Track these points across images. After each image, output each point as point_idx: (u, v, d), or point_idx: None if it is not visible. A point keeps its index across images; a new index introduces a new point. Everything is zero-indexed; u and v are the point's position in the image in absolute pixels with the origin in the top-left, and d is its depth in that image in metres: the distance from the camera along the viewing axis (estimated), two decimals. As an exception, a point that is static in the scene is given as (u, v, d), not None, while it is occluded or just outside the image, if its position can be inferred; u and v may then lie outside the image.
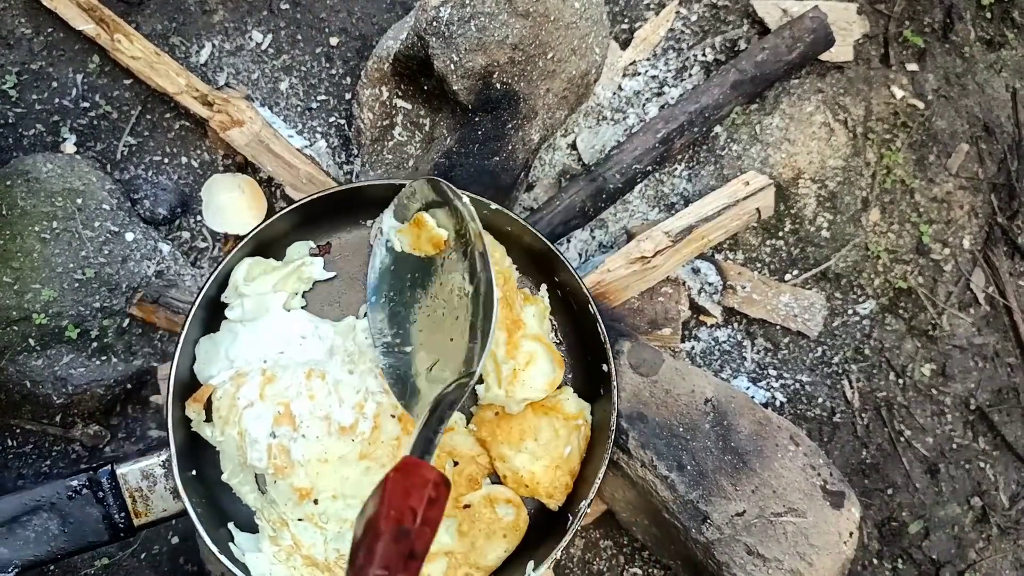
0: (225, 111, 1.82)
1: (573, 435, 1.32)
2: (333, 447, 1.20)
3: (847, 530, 1.65)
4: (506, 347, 1.30)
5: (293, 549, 1.20)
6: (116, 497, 1.11)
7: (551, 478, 1.30)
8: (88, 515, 1.09)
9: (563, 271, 1.37)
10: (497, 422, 1.30)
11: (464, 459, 1.28)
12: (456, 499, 1.26)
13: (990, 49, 2.22)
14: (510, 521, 1.28)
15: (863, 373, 2.05)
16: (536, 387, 1.30)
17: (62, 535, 1.08)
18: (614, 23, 2.10)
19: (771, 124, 1.99)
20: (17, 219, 1.67)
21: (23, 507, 1.08)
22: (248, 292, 1.27)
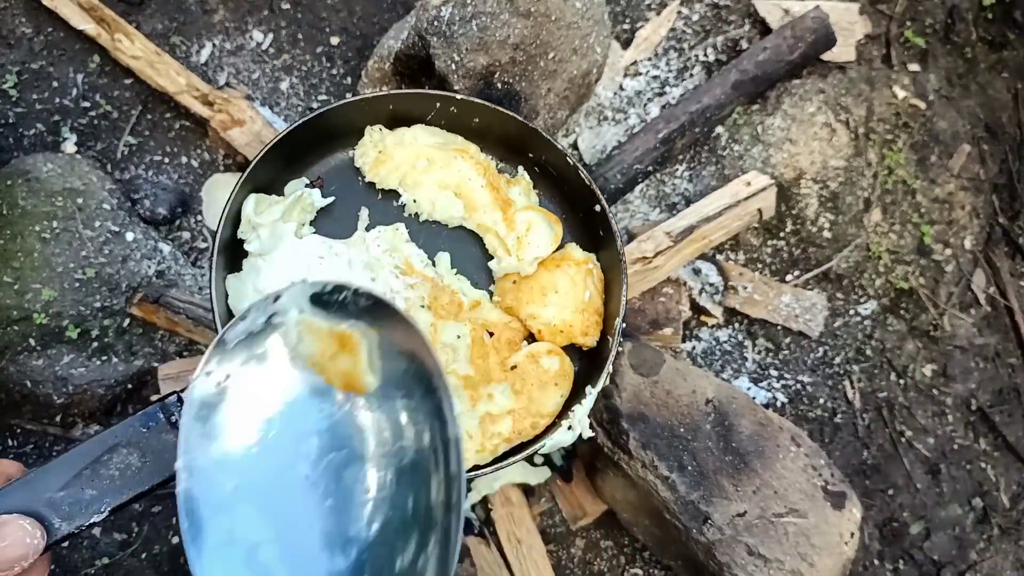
0: (226, 111, 1.82)
1: (588, 280, 1.41)
2: None
3: (848, 531, 1.65)
4: (504, 224, 1.41)
5: None
6: None
7: (581, 320, 1.39)
8: (165, 443, 1.09)
9: (537, 144, 1.44)
10: (518, 287, 1.40)
11: (498, 327, 1.38)
12: (502, 363, 1.36)
13: (992, 50, 2.22)
14: (557, 370, 1.37)
15: (864, 374, 2.05)
16: (542, 244, 1.42)
17: (144, 467, 1.08)
18: (615, 23, 2.09)
19: (773, 124, 1.98)
20: (17, 219, 1.67)
21: (102, 446, 1.07)
22: (262, 222, 1.33)
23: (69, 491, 1.04)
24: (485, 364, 1.35)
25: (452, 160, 1.42)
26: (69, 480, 1.04)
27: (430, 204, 1.42)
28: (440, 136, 1.46)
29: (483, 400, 1.34)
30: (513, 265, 1.40)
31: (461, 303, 1.38)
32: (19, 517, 0.96)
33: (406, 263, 1.38)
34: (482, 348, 1.35)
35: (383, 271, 1.36)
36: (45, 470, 1.03)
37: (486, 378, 1.35)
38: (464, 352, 1.35)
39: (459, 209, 1.42)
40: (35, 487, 1.03)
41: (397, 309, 0.98)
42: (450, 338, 1.35)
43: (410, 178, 1.42)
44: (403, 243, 1.41)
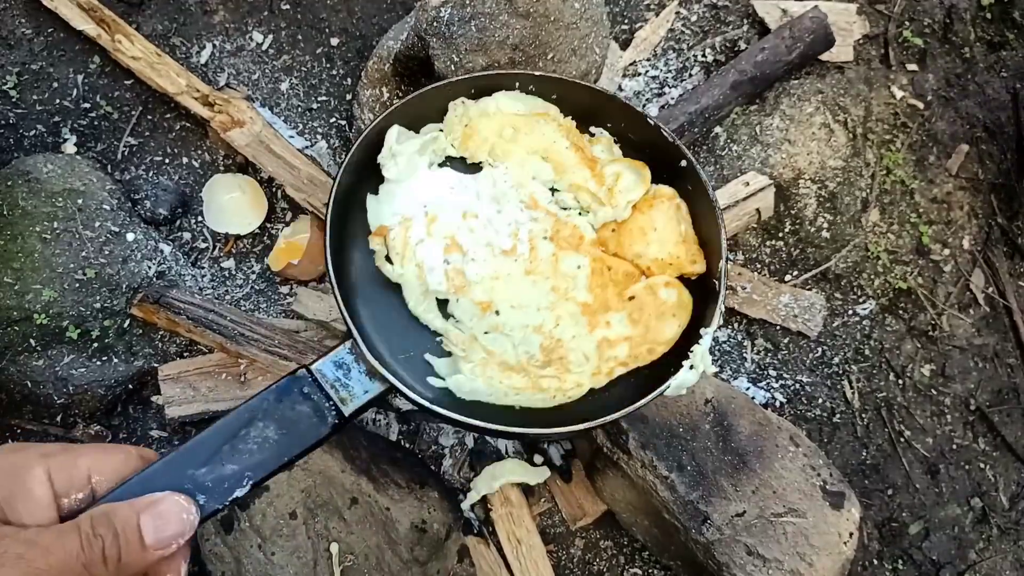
0: (226, 111, 1.83)
1: (679, 214, 1.45)
2: (501, 266, 1.38)
3: (847, 531, 1.66)
4: (594, 180, 1.46)
5: (486, 360, 1.35)
6: (320, 391, 1.16)
7: (685, 250, 1.43)
8: (300, 413, 1.13)
9: (613, 112, 1.49)
10: (618, 234, 1.44)
11: (615, 263, 1.42)
12: (620, 295, 1.39)
13: (990, 50, 2.22)
14: (674, 301, 1.40)
15: (863, 373, 2.05)
16: (633, 188, 1.45)
17: (283, 438, 1.11)
18: (614, 24, 2.10)
19: (771, 125, 1.99)
20: (18, 219, 1.67)
21: (240, 422, 1.10)
22: (400, 151, 1.41)
23: (211, 467, 1.05)
24: (604, 293, 1.39)
25: (536, 125, 1.47)
26: (210, 456, 1.06)
27: (520, 170, 1.46)
28: (522, 101, 1.49)
29: (601, 327, 1.38)
30: (609, 214, 1.44)
31: (583, 236, 1.43)
32: (173, 494, 0.97)
33: (531, 198, 1.44)
34: (601, 278, 1.40)
35: (508, 204, 1.43)
36: (184, 449, 1.05)
37: (604, 306, 1.38)
38: (583, 281, 1.39)
39: (549, 172, 1.46)
40: (178, 465, 1.03)
41: None
42: (570, 268, 1.40)
43: (499, 148, 1.46)
44: (529, 180, 1.45)
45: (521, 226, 1.41)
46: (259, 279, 1.94)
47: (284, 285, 1.93)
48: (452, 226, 1.40)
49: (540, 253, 1.40)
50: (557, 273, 1.39)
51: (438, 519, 1.71)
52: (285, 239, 1.88)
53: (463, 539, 1.79)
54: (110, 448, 1.01)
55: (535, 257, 1.40)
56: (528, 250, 1.40)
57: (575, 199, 1.46)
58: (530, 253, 1.40)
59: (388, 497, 1.68)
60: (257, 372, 1.78)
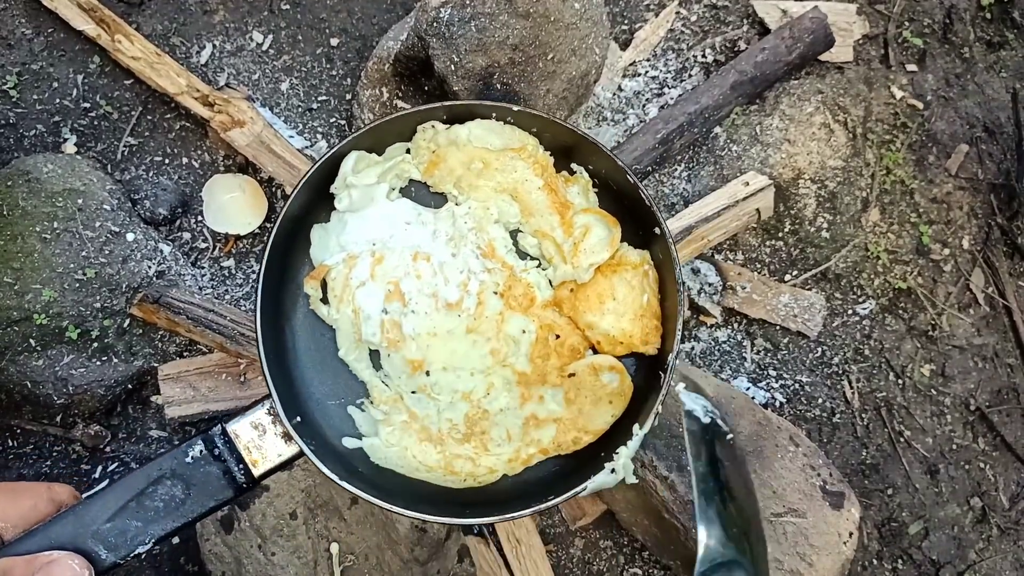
0: (226, 111, 1.83)
1: (644, 282, 1.36)
2: (441, 322, 1.31)
3: (847, 530, 1.66)
4: (562, 228, 1.37)
5: (407, 425, 1.30)
6: (232, 452, 1.15)
7: (640, 326, 1.34)
8: (209, 475, 1.13)
9: (592, 154, 1.39)
10: (575, 296, 1.36)
11: (565, 331, 1.34)
12: (561, 369, 1.32)
13: (990, 50, 2.22)
14: (615, 387, 1.33)
15: (863, 373, 2.05)
16: (598, 250, 1.36)
17: (188, 499, 1.12)
18: (614, 24, 2.10)
19: (771, 125, 1.99)
20: (18, 219, 1.67)
21: (147, 479, 1.11)
22: (355, 183, 1.33)
23: (115, 523, 1.07)
24: (544, 365, 1.32)
25: (508, 161, 1.38)
26: (115, 512, 1.08)
27: (484, 210, 1.38)
28: (497, 133, 1.40)
29: (533, 401, 1.32)
30: (570, 273, 1.36)
31: (534, 298, 1.36)
32: (69, 555, 0.99)
33: (489, 245, 1.36)
34: (544, 348, 1.33)
35: (465, 248, 1.35)
36: (91, 502, 1.07)
37: (541, 379, 1.32)
38: (526, 348, 1.33)
39: (516, 213, 1.39)
40: (83, 519, 1.05)
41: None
42: (515, 331, 1.33)
43: (465, 181, 1.38)
44: (490, 224, 1.38)
45: (473, 276, 1.34)
46: (259, 279, 1.94)
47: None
48: (399, 270, 1.32)
49: (487, 310, 1.32)
50: (500, 335, 1.32)
51: (438, 519, 1.71)
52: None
53: (463, 539, 1.79)
54: (20, 490, 1.05)
55: (480, 314, 1.32)
56: (475, 305, 1.32)
57: (538, 247, 1.38)
58: (476, 309, 1.32)
59: (388, 497, 1.68)
60: (257, 372, 1.78)
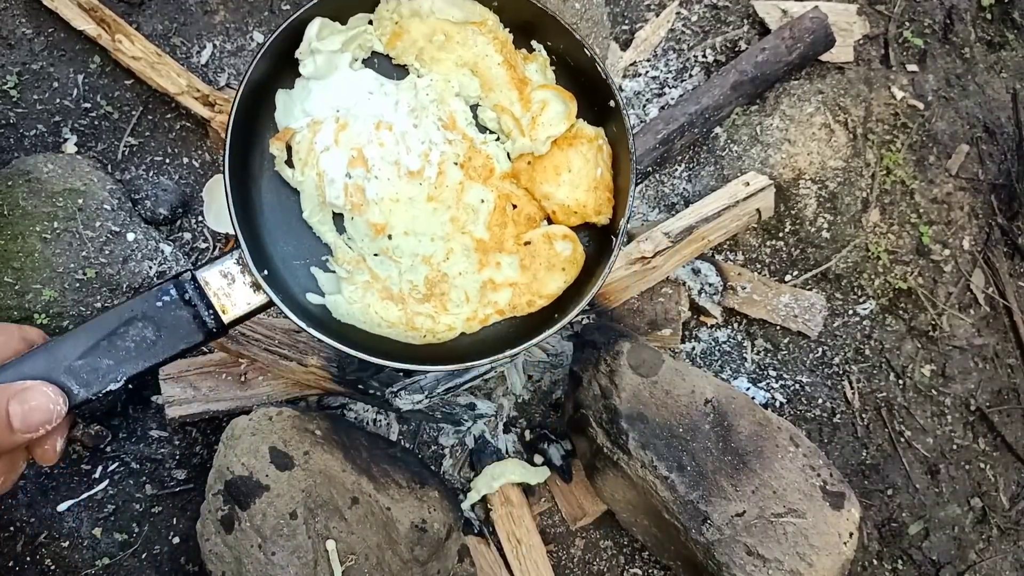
0: (226, 111, 1.83)
1: (598, 156, 1.40)
2: (403, 189, 1.34)
3: (847, 531, 1.66)
4: (520, 103, 1.40)
5: (369, 284, 1.34)
6: (202, 298, 1.18)
7: (594, 198, 1.39)
8: (180, 318, 1.16)
9: (553, 31, 1.41)
10: (532, 168, 1.40)
11: (522, 201, 1.39)
12: (517, 237, 1.38)
13: (990, 50, 2.22)
14: (568, 255, 1.39)
15: (863, 374, 2.05)
16: (555, 123, 1.39)
17: (159, 340, 1.14)
18: (615, 24, 2.10)
19: (771, 125, 1.99)
20: (18, 219, 1.68)
21: (119, 319, 1.13)
22: (320, 48, 1.34)
23: (87, 360, 1.10)
24: (501, 233, 1.37)
25: (470, 35, 1.40)
26: (87, 350, 1.10)
27: (445, 83, 1.40)
28: (459, 6, 1.41)
29: (490, 267, 1.37)
30: (527, 146, 1.39)
31: (493, 169, 1.39)
32: (42, 384, 1.03)
33: (450, 117, 1.39)
34: (502, 217, 1.37)
35: (427, 119, 1.37)
36: (63, 339, 1.09)
37: (498, 246, 1.37)
38: (484, 216, 1.37)
39: (476, 88, 1.41)
40: (55, 355, 1.08)
41: None
42: (473, 200, 1.37)
43: (427, 53, 1.40)
44: (451, 97, 1.40)
45: (434, 147, 1.36)
46: (259, 279, 1.94)
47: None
48: (362, 137, 1.34)
49: (447, 179, 1.36)
50: (460, 204, 1.36)
51: (438, 519, 1.71)
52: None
53: (463, 539, 1.79)
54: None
55: (441, 183, 1.36)
56: (436, 174, 1.35)
57: (497, 121, 1.41)
58: (437, 178, 1.35)
59: (388, 497, 1.68)
60: (257, 371, 1.78)
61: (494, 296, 1.37)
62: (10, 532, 1.80)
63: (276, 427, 1.64)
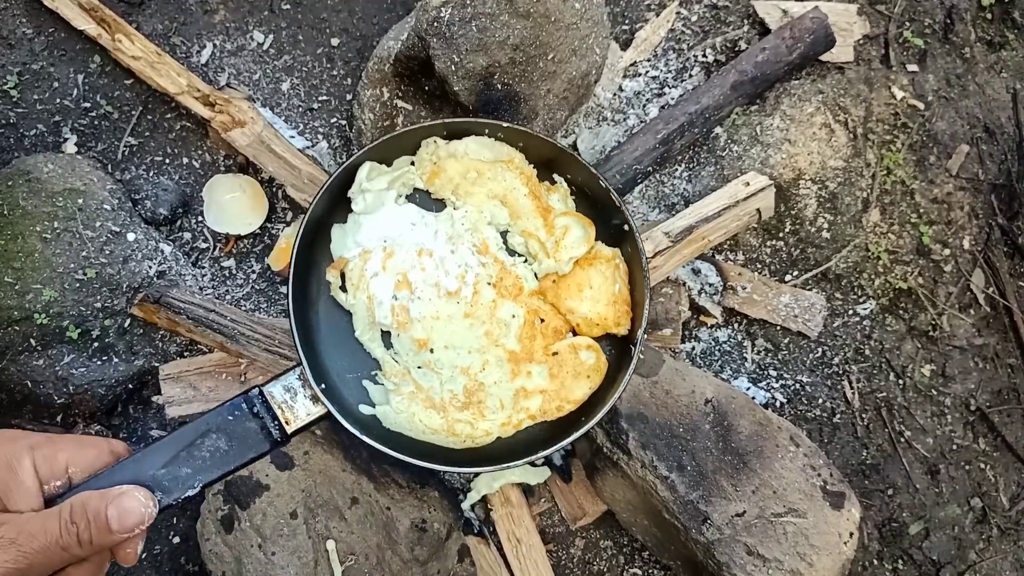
0: (227, 111, 1.83)
1: (616, 273, 1.57)
2: (443, 307, 1.51)
3: (847, 531, 1.66)
4: (545, 229, 1.58)
5: (414, 395, 1.49)
6: (268, 411, 1.31)
7: (613, 311, 1.55)
8: (249, 430, 1.29)
9: (572, 166, 1.60)
10: (557, 286, 1.57)
11: (549, 316, 1.55)
12: (546, 348, 1.53)
13: (991, 50, 2.22)
14: (592, 363, 1.54)
15: (863, 374, 2.05)
16: (576, 246, 1.58)
17: (231, 450, 1.27)
18: (615, 24, 2.10)
19: (771, 125, 1.99)
20: (18, 219, 1.68)
21: (196, 432, 1.26)
22: (370, 188, 1.54)
23: (169, 469, 1.23)
24: (531, 345, 1.52)
25: (499, 172, 1.59)
26: (168, 460, 1.23)
27: (478, 214, 1.58)
28: (490, 148, 1.59)
29: (522, 376, 1.51)
30: (552, 266, 1.56)
31: (522, 287, 1.55)
32: (136, 489, 1.14)
33: (483, 243, 1.56)
34: (531, 330, 1.53)
35: (462, 246, 1.55)
36: (148, 451, 1.22)
37: (529, 357, 1.52)
38: (515, 330, 1.52)
39: (505, 216, 1.58)
40: (141, 466, 1.21)
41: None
42: (505, 315, 1.52)
43: (462, 188, 1.58)
44: (484, 225, 1.57)
45: (469, 270, 1.54)
46: (260, 279, 1.94)
47: (285, 285, 1.93)
48: (406, 263, 1.52)
49: (482, 298, 1.52)
50: (493, 319, 1.52)
51: (438, 519, 1.71)
52: (286, 239, 1.88)
53: (463, 539, 1.79)
54: (85, 442, 1.19)
55: (476, 301, 1.52)
56: (471, 294, 1.52)
57: (524, 245, 1.58)
58: (472, 297, 1.52)
59: (388, 497, 1.68)
60: (257, 372, 1.78)
61: (526, 403, 1.51)
62: (10, 532, 1.79)
63: (276, 427, 1.64)
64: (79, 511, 1.09)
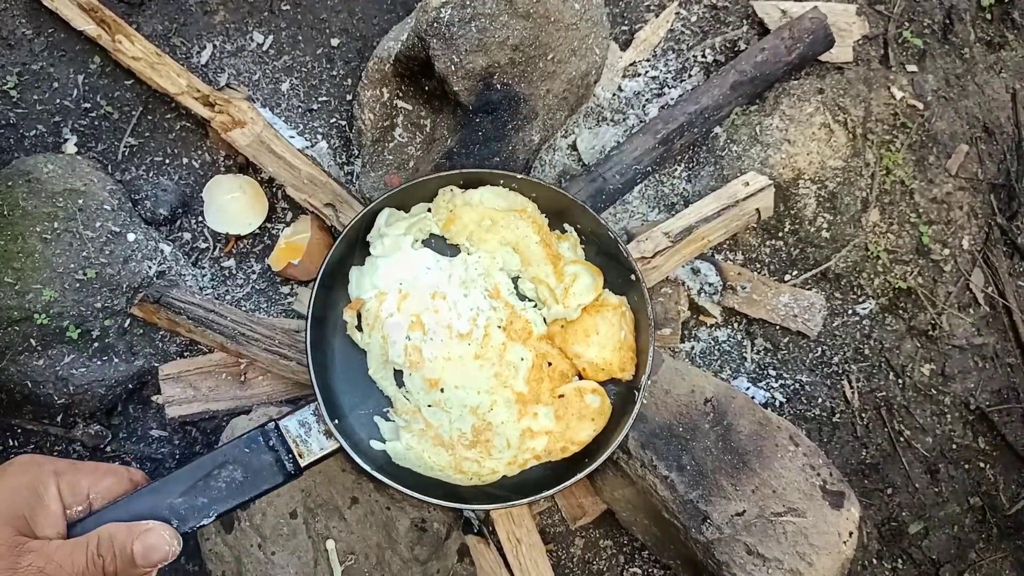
0: (226, 112, 1.83)
1: (622, 320, 1.63)
2: (455, 348, 1.57)
3: (847, 530, 1.66)
4: (554, 276, 1.64)
5: (424, 432, 1.55)
6: (283, 444, 1.38)
7: (618, 357, 1.62)
8: (264, 462, 1.36)
9: (582, 217, 1.68)
10: (565, 331, 1.64)
11: (556, 359, 1.61)
12: (552, 391, 1.59)
13: (990, 50, 2.22)
14: (597, 407, 1.60)
15: (863, 373, 2.06)
16: (585, 293, 1.64)
17: (246, 481, 1.34)
18: (614, 24, 2.10)
19: (771, 125, 1.99)
20: (18, 220, 1.68)
21: (213, 463, 1.33)
22: (388, 232, 1.62)
23: (186, 498, 1.29)
24: (538, 387, 1.58)
25: (512, 220, 1.66)
26: (186, 490, 1.29)
27: (491, 260, 1.65)
28: (504, 197, 1.68)
29: (528, 416, 1.57)
30: (561, 312, 1.62)
31: (531, 331, 1.61)
32: (162, 526, 1.22)
33: (495, 288, 1.63)
34: (539, 372, 1.59)
35: (475, 290, 1.62)
36: (166, 481, 1.29)
37: (536, 399, 1.57)
38: (523, 372, 1.58)
39: (517, 263, 1.66)
40: (159, 495, 1.27)
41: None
42: (514, 358, 1.58)
43: (476, 236, 1.66)
44: (496, 271, 1.65)
45: (481, 313, 1.60)
46: (260, 279, 1.94)
47: (285, 285, 1.94)
48: (420, 305, 1.58)
49: (492, 340, 1.58)
50: (502, 361, 1.57)
51: (438, 518, 1.71)
52: (286, 239, 1.88)
53: (463, 538, 1.79)
54: (106, 470, 1.26)
55: (487, 343, 1.58)
56: (482, 336, 1.58)
57: (535, 291, 1.65)
58: (483, 339, 1.58)
59: (388, 496, 1.68)
60: (257, 372, 1.78)
61: (532, 443, 1.56)
62: (10, 532, 1.80)
63: (276, 427, 1.64)
64: (106, 544, 1.15)
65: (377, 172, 1.84)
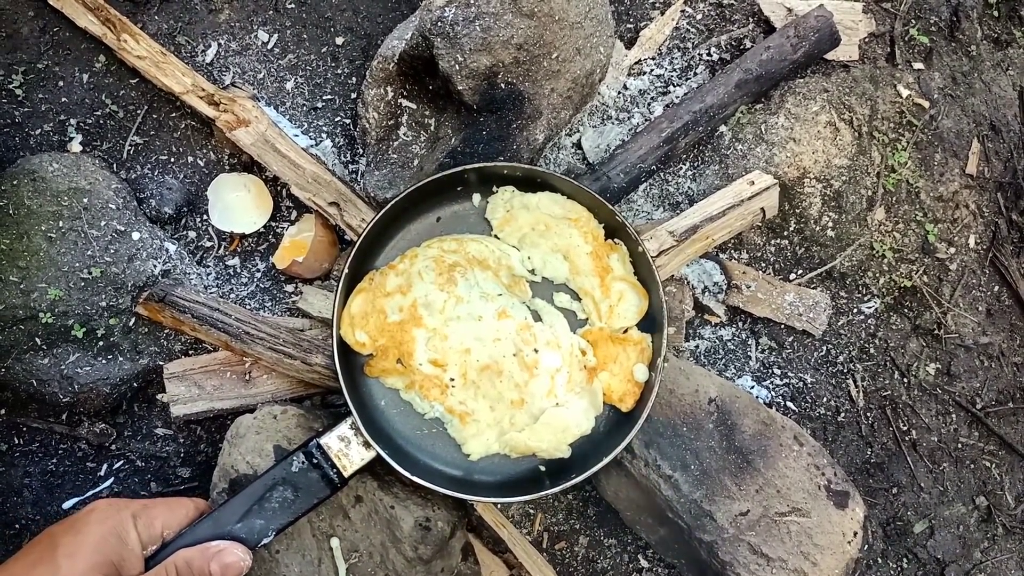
0: (231, 110, 1.83)
1: (640, 357, 1.68)
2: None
3: (851, 530, 1.66)
4: (600, 289, 1.69)
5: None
6: (326, 460, 1.49)
7: (624, 388, 1.66)
8: (311, 479, 1.47)
9: (628, 240, 1.70)
10: (590, 345, 1.69)
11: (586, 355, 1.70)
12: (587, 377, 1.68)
13: (997, 48, 2.21)
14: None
15: (868, 372, 2.05)
16: (628, 317, 1.70)
17: (297, 499, 1.45)
18: (619, 22, 2.10)
19: (776, 123, 1.98)
20: (23, 218, 1.68)
21: (265, 487, 1.44)
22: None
23: (245, 522, 1.40)
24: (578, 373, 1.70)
25: (565, 228, 1.70)
26: (244, 514, 1.41)
27: (541, 263, 1.72)
28: (560, 204, 1.72)
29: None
30: (599, 326, 1.69)
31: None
32: (234, 545, 1.34)
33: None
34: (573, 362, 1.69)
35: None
36: (225, 507, 1.40)
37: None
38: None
39: (565, 271, 1.71)
40: (220, 521, 1.39)
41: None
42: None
43: (528, 239, 1.71)
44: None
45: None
46: (264, 277, 1.94)
47: (289, 283, 1.94)
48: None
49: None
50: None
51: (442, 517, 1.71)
52: (290, 237, 1.89)
53: (467, 537, 1.79)
54: (175, 504, 1.39)
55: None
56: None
57: (579, 303, 1.71)
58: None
59: (392, 495, 1.69)
60: (262, 370, 1.78)
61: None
62: (16, 529, 1.81)
63: (280, 425, 1.64)
64: (184, 569, 1.28)
65: (381, 171, 1.84)
